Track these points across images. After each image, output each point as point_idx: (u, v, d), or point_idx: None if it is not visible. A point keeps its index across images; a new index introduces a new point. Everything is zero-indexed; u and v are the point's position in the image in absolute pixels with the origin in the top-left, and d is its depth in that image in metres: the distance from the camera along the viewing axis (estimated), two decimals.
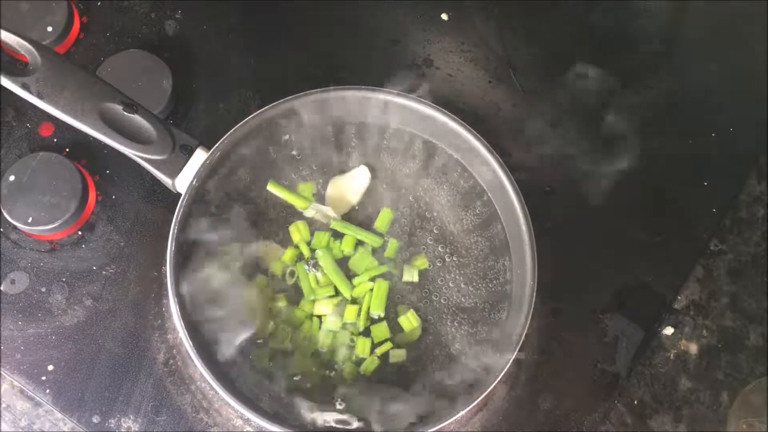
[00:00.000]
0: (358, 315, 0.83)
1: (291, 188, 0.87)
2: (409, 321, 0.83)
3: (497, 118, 0.94)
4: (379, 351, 0.82)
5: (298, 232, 0.85)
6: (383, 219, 0.86)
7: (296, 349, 0.82)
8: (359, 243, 0.86)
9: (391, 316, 0.84)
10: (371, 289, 0.83)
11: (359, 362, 0.82)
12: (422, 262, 0.86)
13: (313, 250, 0.85)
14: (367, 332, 0.83)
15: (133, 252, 0.87)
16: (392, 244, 0.86)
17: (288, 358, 0.82)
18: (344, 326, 0.83)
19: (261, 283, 0.84)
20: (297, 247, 0.85)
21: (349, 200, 0.87)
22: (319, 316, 0.84)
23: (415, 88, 0.92)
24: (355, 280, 0.84)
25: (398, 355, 0.83)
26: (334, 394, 0.81)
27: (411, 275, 0.85)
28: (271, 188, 0.85)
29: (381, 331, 0.83)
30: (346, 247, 0.85)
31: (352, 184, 0.88)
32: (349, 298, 0.83)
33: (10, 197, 0.85)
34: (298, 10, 0.97)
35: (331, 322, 0.83)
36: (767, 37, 0.98)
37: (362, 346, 0.82)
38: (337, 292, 0.84)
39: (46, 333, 0.84)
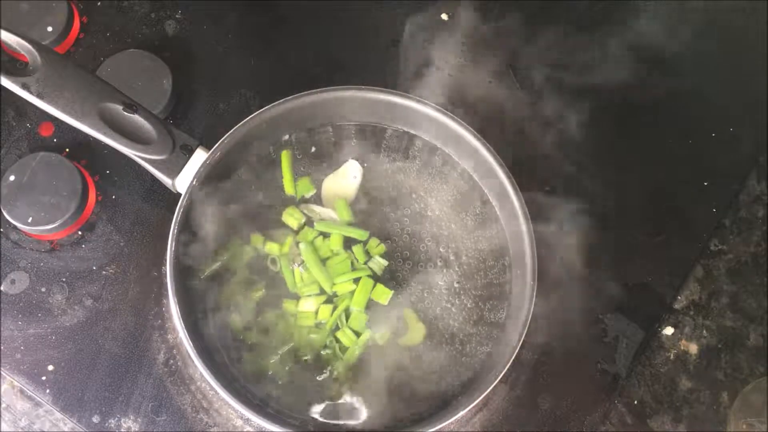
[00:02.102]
0: (332, 313, 0.83)
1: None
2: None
3: (497, 118, 0.94)
4: (361, 340, 0.82)
5: (292, 217, 0.85)
6: (341, 210, 0.86)
7: (277, 345, 0.82)
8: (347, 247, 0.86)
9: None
10: (352, 292, 0.83)
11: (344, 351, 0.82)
12: (379, 248, 0.85)
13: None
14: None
15: (133, 252, 0.87)
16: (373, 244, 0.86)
17: (275, 356, 0.82)
18: (318, 325, 0.83)
19: (250, 252, 0.84)
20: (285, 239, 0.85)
21: (345, 196, 0.87)
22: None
23: (416, 88, 0.92)
24: (336, 279, 0.84)
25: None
26: (332, 393, 0.81)
27: (377, 266, 0.85)
28: (284, 158, 0.86)
29: (358, 320, 0.83)
30: (334, 245, 0.85)
31: (344, 181, 0.87)
32: (330, 293, 0.83)
33: (10, 197, 0.85)
34: (297, 10, 0.97)
35: (305, 318, 0.83)
36: (767, 37, 0.98)
37: (345, 336, 0.82)
38: (321, 291, 0.84)
39: (46, 333, 0.84)
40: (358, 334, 0.83)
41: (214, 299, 0.82)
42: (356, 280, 0.84)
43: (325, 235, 0.85)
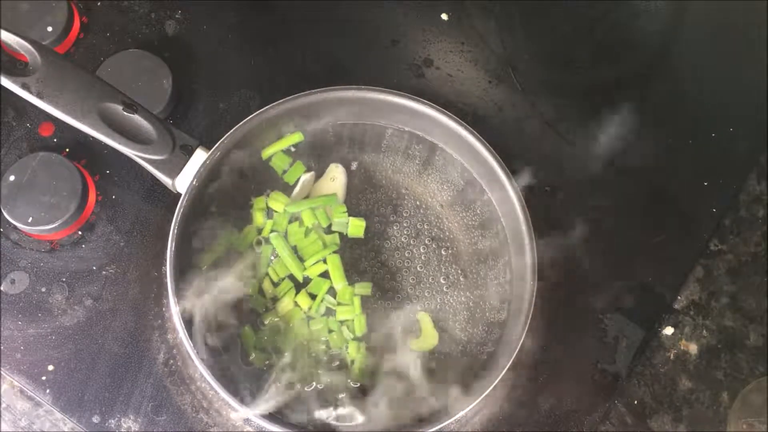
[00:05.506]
0: (314, 300, 0.83)
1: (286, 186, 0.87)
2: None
3: (497, 118, 0.94)
4: (356, 306, 0.82)
5: (277, 201, 0.85)
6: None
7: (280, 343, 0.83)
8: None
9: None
10: (321, 274, 0.83)
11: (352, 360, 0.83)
12: (340, 208, 0.86)
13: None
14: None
15: (133, 252, 0.87)
16: (355, 224, 0.85)
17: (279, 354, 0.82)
18: (308, 315, 0.83)
19: (248, 239, 0.84)
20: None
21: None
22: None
23: (416, 88, 0.92)
24: (306, 263, 0.84)
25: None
26: (333, 391, 0.81)
27: (340, 226, 0.85)
28: (294, 136, 0.87)
29: (346, 293, 0.83)
30: (306, 221, 0.84)
31: (327, 185, 0.87)
32: (301, 280, 0.83)
33: (10, 197, 0.85)
34: (297, 10, 0.97)
35: (293, 315, 0.83)
36: (767, 37, 0.98)
37: (345, 311, 0.83)
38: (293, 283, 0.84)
39: (46, 333, 0.84)
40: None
41: (214, 298, 0.82)
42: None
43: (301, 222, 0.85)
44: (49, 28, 0.90)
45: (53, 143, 0.90)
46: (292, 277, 0.84)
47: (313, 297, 0.83)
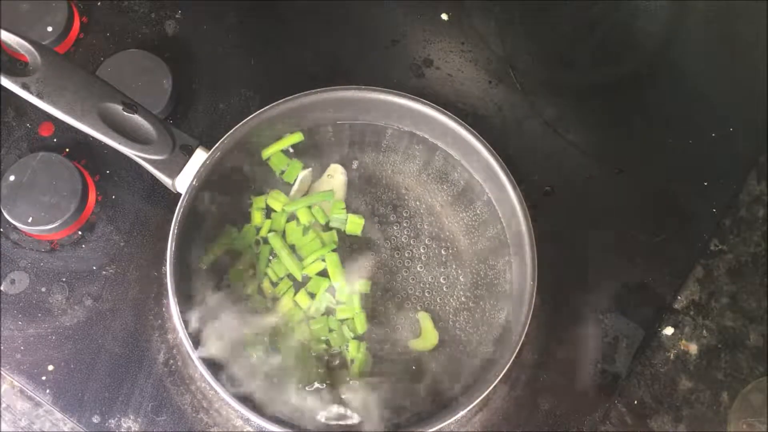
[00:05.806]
0: (313, 299, 0.83)
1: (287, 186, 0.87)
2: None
3: (497, 118, 0.94)
4: (356, 305, 0.83)
5: (276, 200, 0.85)
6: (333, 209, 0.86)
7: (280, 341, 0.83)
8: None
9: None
10: (320, 273, 0.83)
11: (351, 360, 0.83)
12: (339, 204, 0.86)
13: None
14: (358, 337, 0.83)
15: (133, 252, 0.87)
16: (353, 222, 0.86)
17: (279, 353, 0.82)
18: (308, 314, 0.83)
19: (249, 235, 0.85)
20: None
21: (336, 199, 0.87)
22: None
23: (416, 88, 0.92)
24: (305, 261, 0.84)
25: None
26: (333, 391, 0.81)
27: (339, 223, 0.85)
28: (294, 136, 0.87)
29: (344, 291, 0.83)
30: (303, 219, 0.84)
31: (327, 185, 0.87)
32: (300, 279, 0.84)
33: (10, 197, 0.85)
34: (297, 10, 0.97)
35: (293, 314, 0.83)
36: (767, 37, 0.98)
37: (345, 311, 0.83)
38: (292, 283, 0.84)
39: (46, 333, 0.84)
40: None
41: (214, 298, 0.82)
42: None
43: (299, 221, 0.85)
44: (49, 28, 0.90)
45: (53, 143, 0.90)
46: (291, 277, 0.84)
47: (312, 296, 0.84)
